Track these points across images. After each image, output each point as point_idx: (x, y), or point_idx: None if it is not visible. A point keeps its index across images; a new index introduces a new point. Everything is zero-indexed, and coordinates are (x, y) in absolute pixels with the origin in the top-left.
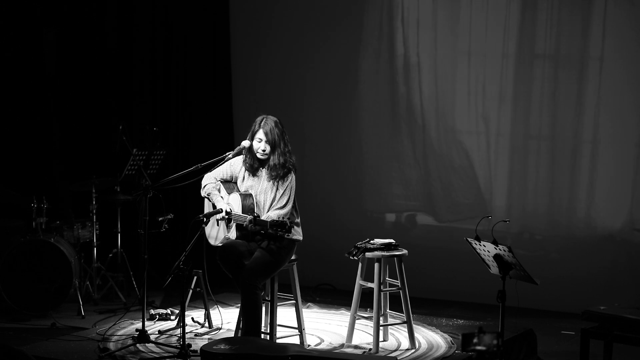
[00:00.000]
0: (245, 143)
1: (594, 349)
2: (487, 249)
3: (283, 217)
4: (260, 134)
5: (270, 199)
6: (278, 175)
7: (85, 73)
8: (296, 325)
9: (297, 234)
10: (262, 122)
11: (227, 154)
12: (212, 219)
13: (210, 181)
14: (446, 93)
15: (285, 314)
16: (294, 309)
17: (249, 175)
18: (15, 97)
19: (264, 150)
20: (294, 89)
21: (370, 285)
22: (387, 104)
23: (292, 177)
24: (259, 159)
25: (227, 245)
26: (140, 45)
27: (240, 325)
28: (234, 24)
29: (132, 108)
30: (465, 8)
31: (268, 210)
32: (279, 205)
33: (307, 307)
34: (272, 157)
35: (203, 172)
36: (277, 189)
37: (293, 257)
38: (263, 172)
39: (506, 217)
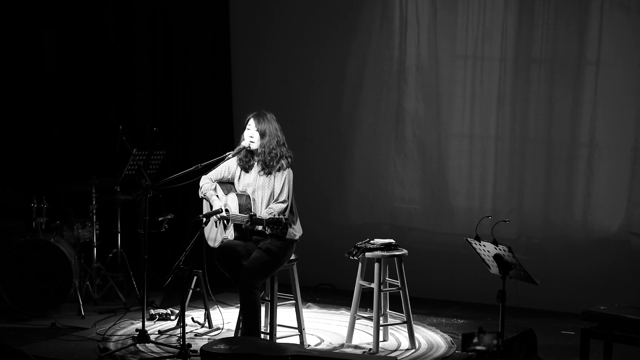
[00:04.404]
0: (245, 143)
1: (594, 349)
2: (487, 249)
3: (282, 212)
4: (250, 123)
5: (268, 194)
6: (270, 165)
7: (85, 73)
8: (296, 325)
9: (296, 233)
10: (253, 114)
11: (227, 154)
12: (212, 221)
13: (206, 182)
14: (444, 96)
15: (285, 314)
16: (294, 309)
17: (244, 173)
18: (15, 97)
19: (251, 137)
20: (293, 89)
21: (370, 285)
22: (386, 105)
23: (288, 172)
24: (251, 153)
25: (225, 245)
26: (141, 45)
27: (240, 325)
28: (234, 24)
29: (132, 108)
30: (462, 12)
31: (267, 206)
32: (279, 200)
33: (307, 307)
34: (260, 144)
35: (203, 172)
36: (273, 184)
37: (293, 257)
38: (257, 168)
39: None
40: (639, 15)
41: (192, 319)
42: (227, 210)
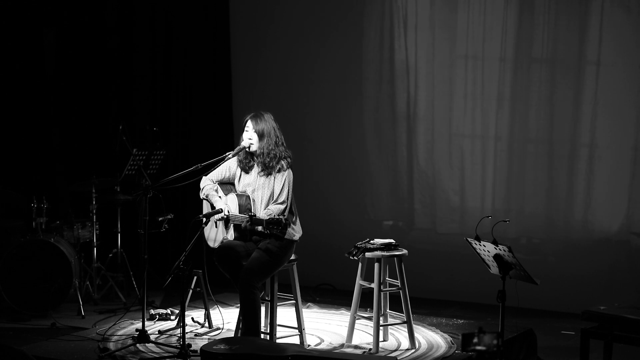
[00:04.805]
0: (245, 143)
1: (594, 349)
2: (487, 249)
3: (281, 213)
4: (248, 125)
5: (267, 195)
6: (270, 166)
7: (85, 73)
8: (296, 325)
9: (295, 233)
10: (250, 115)
11: (227, 153)
12: (211, 221)
13: (207, 183)
14: (444, 96)
15: (285, 314)
16: (294, 309)
17: (245, 173)
18: (15, 97)
19: (250, 139)
20: (293, 89)
21: (370, 285)
22: (386, 105)
23: (288, 173)
24: (250, 154)
25: (225, 246)
26: (141, 45)
27: (240, 325)
28: (234, 24)
29: (132, 108)
30: (462, 12)
31: (266, 207)
32: (278, 201)
33: (307, 307)
34: (259, 146)
35: (203, 172)
36: (273, 184)
37: (293, 257)
38: (257, 169)
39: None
40: (639, 15)
41: (192, 319)
42: (227, 216)
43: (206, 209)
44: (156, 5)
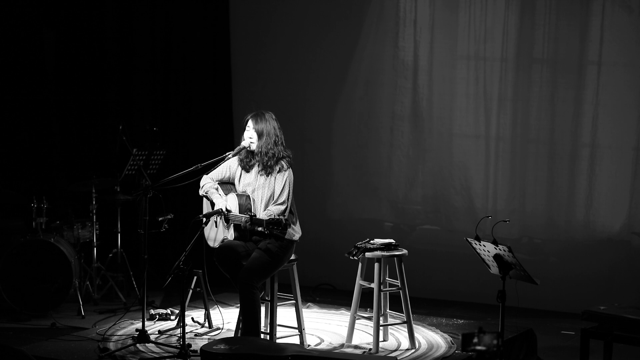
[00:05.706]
0: (245, 143)
1: (594, 349)
2: (487, 249)
3: (281, 213)
4: (248, 124)
5: (267, 195)
6: (268, 165)
7: (85, 73)
8: (296, 325)
9: (295, 233)
10: (252, 114)
11: (227, 153)
12: (212, 221)
13: (207, 181)
14: (445, 96)
15: (285, 314)
16: (294, 309)
17: (245, 173)
18: (15, 97)
19: (250, 138)
20: (294, 89)
21: (370, 285)
22: (386, 106)
23: (289, 173)
24: (251, 153)
25: (225, 246)
26: (140, 45)
27: (240, 325)
28: (234, 23)
29: (132, 108)
30: (463, 12)
31: (266, 207)
32: (279, 202)
33: (307, 307)
34: (258, 145)
35: (203, 172)
36: (274, 185)
37: (293, 257)
38: (257, 169)
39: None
40: None
41: (192, 319)
42: (228, 211)
43: (206, 208)
44: (156, 5)
